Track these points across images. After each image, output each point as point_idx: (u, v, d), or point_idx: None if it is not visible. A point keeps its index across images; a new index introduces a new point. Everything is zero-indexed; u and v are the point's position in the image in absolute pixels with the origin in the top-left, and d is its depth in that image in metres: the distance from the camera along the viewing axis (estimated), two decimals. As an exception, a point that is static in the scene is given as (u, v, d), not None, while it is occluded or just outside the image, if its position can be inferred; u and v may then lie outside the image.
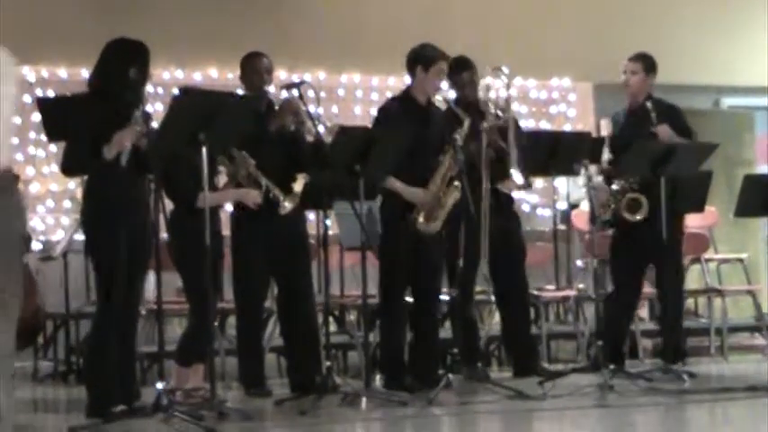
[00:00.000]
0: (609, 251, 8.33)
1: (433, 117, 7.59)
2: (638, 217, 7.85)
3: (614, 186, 8.01)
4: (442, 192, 7.43)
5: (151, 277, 6.83)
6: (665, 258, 7.79)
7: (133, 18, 9.66)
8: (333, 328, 8.43)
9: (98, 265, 6.45)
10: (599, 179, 8.10)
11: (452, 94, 8.06)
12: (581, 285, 9.46)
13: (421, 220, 7.39)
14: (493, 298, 8.35)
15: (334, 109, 10.65)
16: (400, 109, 7.61)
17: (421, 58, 7.53)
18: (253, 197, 7.05)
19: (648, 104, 8.00)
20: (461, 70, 7.93)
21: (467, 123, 7.46)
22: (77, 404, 6.75)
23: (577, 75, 11.64)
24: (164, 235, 6.95)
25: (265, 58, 7.54)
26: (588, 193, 8.05)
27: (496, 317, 8.52)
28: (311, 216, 8.25)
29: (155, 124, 6.52)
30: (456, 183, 7.35)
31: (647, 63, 8.20)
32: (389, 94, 10.87)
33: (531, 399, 7.10)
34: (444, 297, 8.01)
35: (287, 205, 7.00)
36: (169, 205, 6.73)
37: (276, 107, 7.44)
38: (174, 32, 10.13)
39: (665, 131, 7.92)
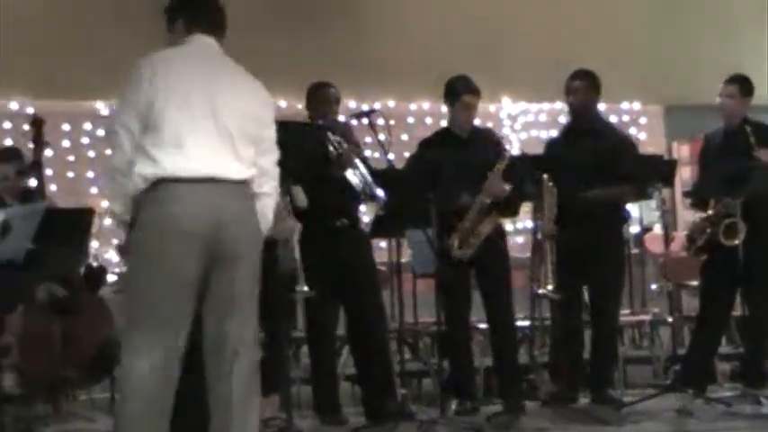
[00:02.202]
0: (699, 274, 8.19)
1: (474, 147, 7.57)
2: (736, 242, 7.70)
3: (709, 211, 7.93)
4: (478, 220, 7.41)
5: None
6: (756, 280, 7.71)
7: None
8: (407, 355, 8.41)
9: None
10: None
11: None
12: (656, 309, 9.37)
13: (455, 245, 7.39)
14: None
15: (404, 137, 10.67)
16: (437, 141, 7.69)
17: (447, 93, 7.63)
18: (290, 230, 6.94)
19: (747, 128, 7.83)
20: (573, 79, 7.92)
21: (506, 157, 7.42)
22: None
23: (647, 98, 11.60)
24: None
25: (332, 87, 7.49)
26: (663, 217, 7.97)
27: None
28: (382, 244, 8.24)
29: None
30: (494, 212, 7.37)
31: (743, 86, 8.03)
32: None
33: (610, 425, 7.03)
34: (522, 323, 7.96)
35: (303, 290, 6.92)
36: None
37: (333, 153, 7.33)
38: (243, 63, 10.18)
39: (767, 156, 7.77)
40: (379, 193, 6.96)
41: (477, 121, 8.72)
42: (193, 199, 4.55)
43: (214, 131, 4.65)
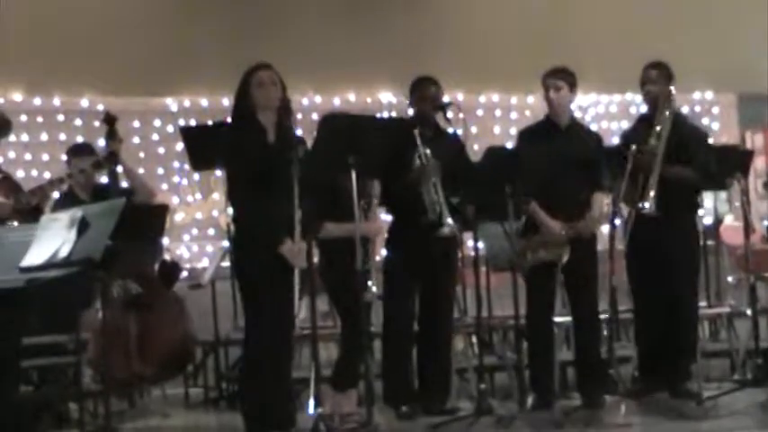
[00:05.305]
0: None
1: (571, 136, 7.51)
2: None
3: None
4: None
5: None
6: None
7: (270, 44, 9.74)
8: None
9: (245, 290, 6.40)
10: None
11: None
12: (732, 301, 9.23)
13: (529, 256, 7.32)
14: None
15: (474, 129, 10.58)
16: (535, 131, 7.63)
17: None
18: (376, 231, 7.05)
19: None
20: (649, 68, 7.77)
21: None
22: (229, 430, 6.75)
23: (719, 87, 11.43)
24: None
25: (434, 85, 7.44)
26: (743, 207, 7.85)
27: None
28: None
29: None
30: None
31: None
32: (528, 113, 10.89)
33: (691, 419, 6.93)
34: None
35: (371, 291, 6.92)
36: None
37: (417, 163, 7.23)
38: (312, 57, 10.18)
39: None
40: (449, 221, 6.98)
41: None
42: None
43: None
